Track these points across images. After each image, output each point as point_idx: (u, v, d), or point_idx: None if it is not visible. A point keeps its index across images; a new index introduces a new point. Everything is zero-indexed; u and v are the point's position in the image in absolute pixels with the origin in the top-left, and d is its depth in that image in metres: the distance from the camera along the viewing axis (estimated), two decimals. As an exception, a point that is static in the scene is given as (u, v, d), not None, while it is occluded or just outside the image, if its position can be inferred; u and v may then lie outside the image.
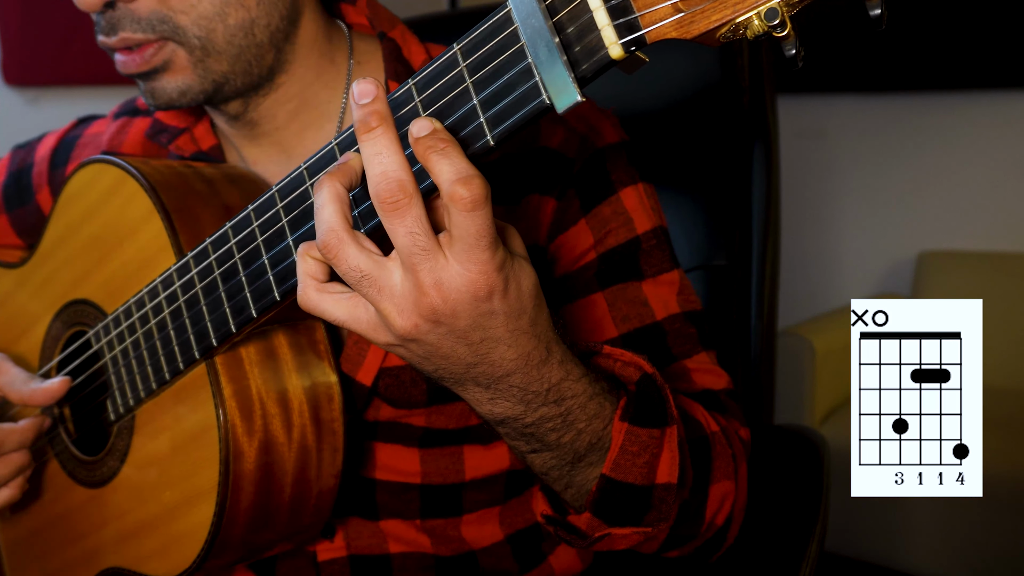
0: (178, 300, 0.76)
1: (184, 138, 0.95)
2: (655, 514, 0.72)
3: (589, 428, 0.69)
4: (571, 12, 0.52)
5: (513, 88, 0.55)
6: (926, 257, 3.10)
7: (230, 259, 0.71)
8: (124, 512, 0.87)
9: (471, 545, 0.93)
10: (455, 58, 0.57)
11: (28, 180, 1.07)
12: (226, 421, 0.76)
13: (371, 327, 0.60)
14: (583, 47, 0.52)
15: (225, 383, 0.77)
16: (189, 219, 0.80)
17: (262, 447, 0.78)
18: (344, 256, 0.57)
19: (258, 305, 0.70)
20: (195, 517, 0.79)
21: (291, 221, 0.66)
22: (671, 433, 0.72)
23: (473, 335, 0.59)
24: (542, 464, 0.70)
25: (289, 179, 0.66)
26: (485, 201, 0.54)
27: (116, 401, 0.85)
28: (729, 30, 0.48)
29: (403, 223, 0.55)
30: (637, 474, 0.70)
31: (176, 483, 0.81)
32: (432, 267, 0.56)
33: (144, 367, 0.81)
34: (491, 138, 0.56)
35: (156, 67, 0.82)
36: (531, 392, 0.64)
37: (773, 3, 0.45)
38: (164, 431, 0.82)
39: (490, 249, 0.55)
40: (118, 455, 0.86)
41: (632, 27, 0.51)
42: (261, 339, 0.79)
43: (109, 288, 0.86)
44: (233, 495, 0.77)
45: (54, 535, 0.95)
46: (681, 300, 0.87)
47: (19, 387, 0.87)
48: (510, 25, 0.54)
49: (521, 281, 0.59)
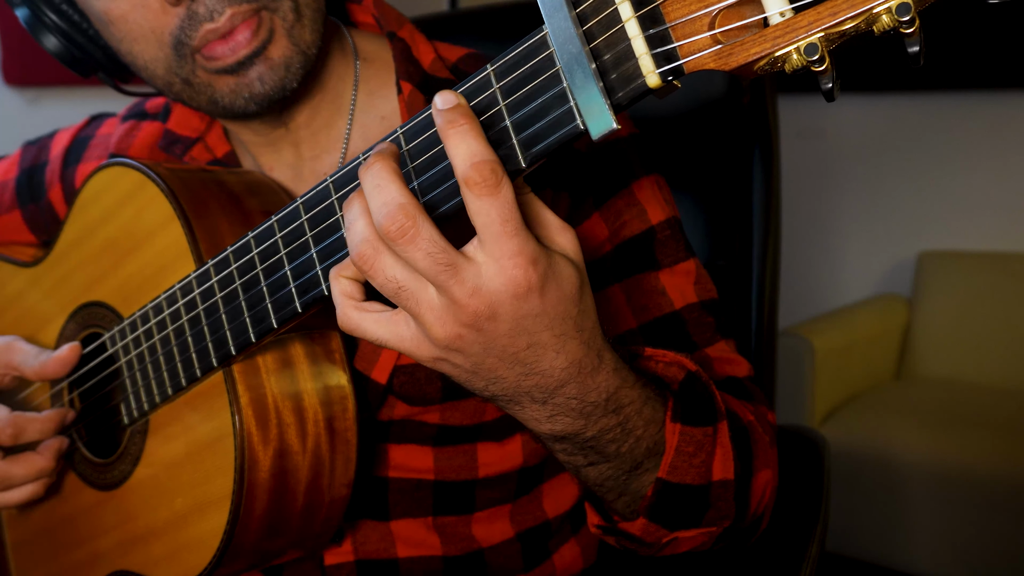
0: (197, 307, 0.76)
1: (198, 148, 0.95)
2: (714, 512, 0.72)
3: (646, 434, 0.67)
4: (608, 39, 0.52)
5: (546, 112, 0.55)
6: (926, 257, 3.11)
7: (252, 269, 0.71)
8: (134, 516, 0.87)
9: (480, 543, 0.93)
10: (488, 79, 0.56)
11: (41, 177, 1.06)
12: (242, 429, 0.76)
13: (414, 343, 0.59)
14: (619, 74, 0.52)
15: (242, 391, 0.76)
16: (208, 226, 0.80)
17: (277, 456, 0.78)
18: (381, 267, 0.56)
19: (279, 316, 0.70)
20: (207, 524, 0.79)
21: (316, 235, 0.66)
22: (722, 428, 0.71)
23: (518, 340, 0.57)
24: (598, 476, 0.69)
25: (314, 192, 0.66)
26: (501, 185, 0.53)
27: (131, 405, 0.85)
28: (767, 63, 0.48)
29: (417, 247, 0.54)
30: (694, 474, 0.70)
31: (189, 489, 0.81)
32: (463, 278, 0.54)
33: (160, 372, 0.81)
34: (523, 159, 0.56)
35: (264, 41, 0.80)
36: (589, 403, 0.62)
37: (813, 38, 0.46)
38: (178, 436, 0.82)
39: (518, 236, 0.53)
40: (130, 459, 0.87)
41: (670, 57, 0.51)
42: (277, 347, 0.79)
43: (125, 291, 0.86)
44: (247, 504, 0.77)
45: (62, 536, 0.95)
46: (698, 289, 0.86)
47: (31, 362, 0.87)
48: (545, 49, 0.54)
49: (562, 281, 0.56)
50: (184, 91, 0.84)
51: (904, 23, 0.44)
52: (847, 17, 0.45)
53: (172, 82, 0.84)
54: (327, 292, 0.65)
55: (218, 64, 0.80)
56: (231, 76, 0.81)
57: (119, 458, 0.88)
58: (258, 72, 0.81)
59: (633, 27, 0.51)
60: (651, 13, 0.51)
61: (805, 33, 0.46)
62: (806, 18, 0.46)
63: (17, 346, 0.90)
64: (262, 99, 0.82)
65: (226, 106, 0.83)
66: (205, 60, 0.80)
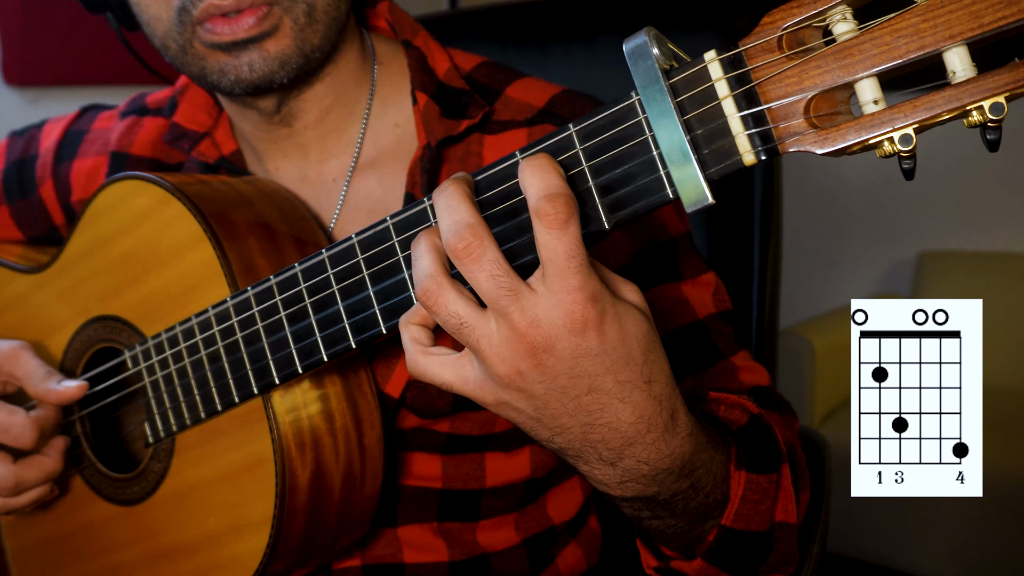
0: (235, 335, 0.76)
1: (206, 143, 0.95)
2: (776, 556, 0.72)
3: (715, 490, 0.67)
4: (701, 114, 0.53)
5: (633, 178, 0.55)
6: (926, 257, 3.11)
7: (299, 302, 0.71)
8: (158, 532, 0.87)
9: (486, 549, 0.93)
10: (571, 139, 0.57)
11: (31, 172, 1.05)
12: (284, 457, 0.76)
13: (477, 385, 0.59)
14: (713, 150, 0.53)
15: (282, 417, 0.77)
16: (239, 248, 0.80)
17: (314, 477, 0.79)
18: (444, 302, 0.57)
19: (330, 351, 0.70)
20: (245, 546, 0.79)
21: (373, 274, 0.66)
22: (785, 472, 0.71)
23: (578, 383, 0.56)
24: (660, 525, 0.68)
25: (373, 232, 0.66)
26: (572, 220, 0.53)
27: (156, 425, 0.84)
28: (861, 148, 0.50)
29: (481, 267, 0.55)
30: (759, 521, 0.69)
31: (222, 511, 0.81)
32: (523, 306, 0.55)
33: (192, 396, 0.81)
34: (606, 221, 0.57)
35: (265, 31, 0.80)
36: (662, 471, 0.61)
37: (908, 130, 0.47)
38: (210, 459, 0.82)
39: (581, 274, 0.53)
40: (154, 476, 0.87)
41: (766, 138, 0.52)
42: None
43: (146, 307, 0.85)
44: (286, 526, 0.78)
45: (70, 547, 0.94)
46: (716, 300, 0.87)
47: (36, 383, 0.86)
48: (635, 116, 0.55)
49: (624, 323, 0.56)
50: (179, 57, 0.84)
51: (994, 120, 0.46)
52: (943, 111, 0.47)
53: (168, 46, 0.84)
54: (385, 331, 0.66)
55: (214, 39, 0.80)
56: (223, 54, 0.81)
57: (140, 475, 0.88)
58: (250, 58, 0.81)
59: (730, 105, 0.52)
60: (747, 93, 0.52)
61: (901, 124, 0.47)
62: (902, 110, 0.47)
63: (24, 357, 0.88)
64: (247, 85, 0.82)
65: (213, 82, 0.84)
66: (204, 32, 0.81)
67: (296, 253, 0.83)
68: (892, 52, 0.47)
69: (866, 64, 0.48)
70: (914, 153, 0.48)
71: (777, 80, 0.51)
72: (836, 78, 0.49)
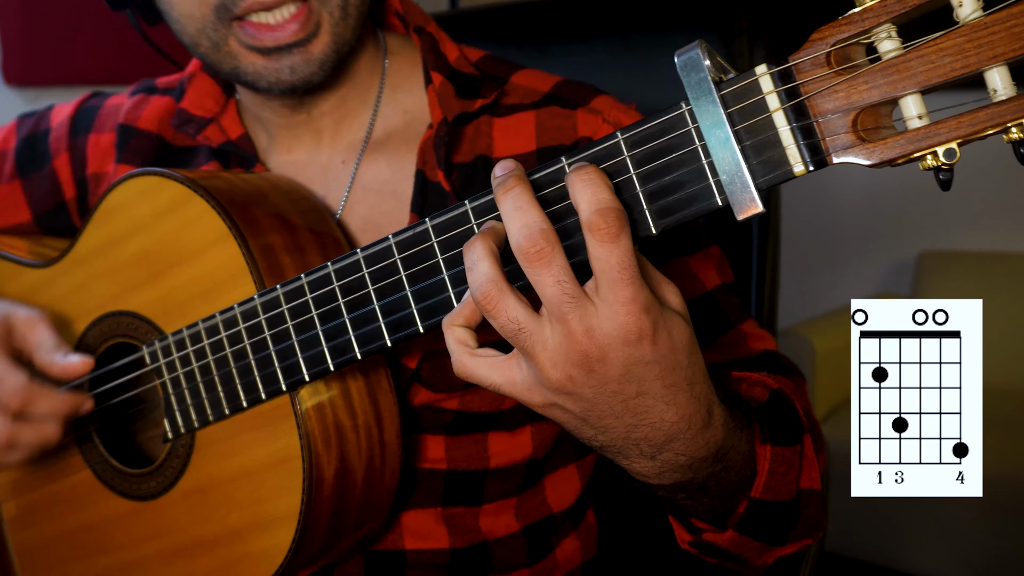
0: (263, 332, 0.77)
1: (212, 128, 0.96)
2: (804, 522, 0.74)
3: (745, 467, 0.70)
4: (751, 126, 0.55)
5: (682, 186, 0.57)
6: (926, 257, 3.11)
7: (332, 301, 0.72)
8: (176, 528, 0.87)
9: (487, 535, 0.94)
10: (618, 146, 0.58)
11: (44, 146, 1.05)
12: (311, 453, 0.77)
13: (525, 387, 0.60)
14: (763, 160, 0.55)
15: (309, 414, 0.78)
16: (263, 245, 0.81)
17: (339, 474, 0.79)
18: (504, 307, 0.57)
19: (364, 349, 0.71)
20: (270, 541, 0.80)
21: (411, 275, 0.67)
22: (807, 442, 0.74)
23: (627, 388, 0.58)
24: (694, 504, 0.70)
25: (411, 233, 0.67)
26: (623, 233, 0.55)
27: (176, 421, 0.84)
28: (904, 161, 0.52)
29: (550, 272, 0.56)
30: (787, 491, 0.72)
31: (246, 506, 0.82)
32: (582, 315, 0.56)
33: (215, 392, 0.81)
34: (654, 227, 0.58)
35: (309, 34, 0.82)
36: (698, 459, 0.63)
37: (952, 144, 0.49)
38: (233, 455, 0.83)
39: (633, 285, 0.55)
40: (172, 472, 0.87)
41: (815, 149, 0.54)
42: None
43: (166, 305, 0.85)
44: (312, 521, 0.78)
45: (80, 543, 0.94)
46: (721, 273, 0.89)
47: (43, 353, 0.85)
48: (684, 126, 0.57)
49: (672, 331, 0.58)
50: (210, 54, 0.85)
51: None
52: (986, 127, 0.48)
53: (199, 43, 0.84)
54: (422, 331, 0.67)
55: (254, 42, 0.81)
56: (261, 56, 0.82)
57: (157, 470, 0.88)
58: (292, 62, 0.82)
59: (780, 118, 0.54)
60: (797, 106, 0.53)
61: (945, 139, 0.49)
62: (947, 126, 0.49)
63: (40, 327, 0.86)
64: (286, 87, 0.84)
65: (247, 82, 0.85)
66: (243, 32, 0.82)
67: (314, 244, 0.84)
68: (937, 70, 0.49)
69: (912, 81, 0.50)
70: (953, 167, 0.51)
71: (826, 95, 0.53)
72: (883, 94, 0.51)
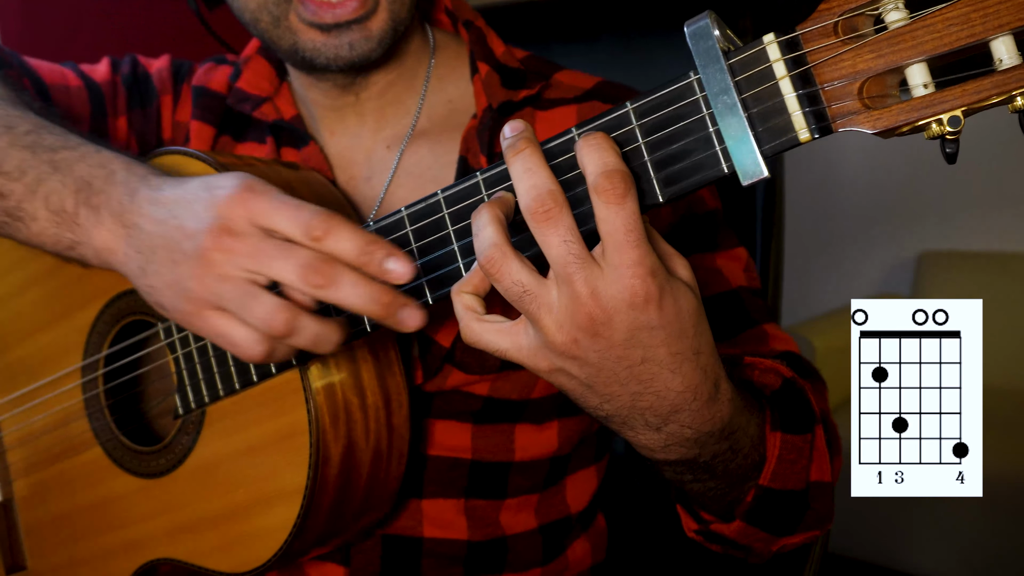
0: None
1: (267, 106, 0.98)
2: (813, 514, 0.74)
3: (753, 451, 0.69)
4: (758, 93, 0.55)
5: (689, 154, 0.58)
6: (926, 257, 3.11)
7: None
8: (183, 505, 0.87)
9: (505, 531, 0.94)
10: (627, 116, 0.59)
11: (149, 84, 1.05)
12: (318, 427, 0.77)
13: (531, 352, 0.60)
14: (769, 127, 0.55)
15: (317, 389, 0.78)
16: None
17: (345, 452, 0.80)
18: (508, 270, 0.58)
19: (373, 322, 0.71)
20: (273, 518, 0.80)
21: (420, 247, 0.68)
22: (818, 432, 0.74)
23: (633, 353, 0.58)
24: (702, 488, 0.70)
25: (424, 205, 0.67)
26: (630, 195, 0.55)
27: (187, 397, 0.84)
28: (910, 129, 0.53)
29: (556, 232, 0.56)
30: (796, 480, 0.72)
31: (252, 483, 0.82)
32: (587, 276, 0.56)
33: (226, 367, 0.81)
34: (660, 195, 0.59)
35: (368, 10, 0.84)
36: (704, 433, 0.63)
37: (956, 112, 0.50)
38: (241, 430, 0.83)
39: (640, 248, 0.55)
40: (180, 448, 0.87)
41: (820, 116, 0.54)
42: None
43: None
44: (316, 498, 0.79)
45: (88, 520, 0.94)
46: (748, 276, 0.90)
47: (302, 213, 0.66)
48: (692, 95, 0.58)
49: (679, 298, 0.58)
50: (270, 30, 0.86)
51: None
52: (990, 94, 0.49)
53: (260, 18, 0.86)
54: (431, 302, 0.68)
55: (315, 19, 0.83)
56: (320, 33, 0.84)
57: (166, 447, 0.88)
58: (351, 38, 0.84)
59: (786, 85, 0.55)
60: (803, 74, 0.54)
61: (950, 107, 0.50)
62: (952, 93, 0.50)
63: (262, 187, 0.66)
64: (345, 63, 0.85)
65: (304, 58, 0.86)
66: (303, 9, 0.83)
67: None
68: (943, 39, 0.50)
69: (918, 50, 0.51)
70: (959, 136, 0.51)
71: (832, 63, 0.53)
72: (889, 62, 0.52)
